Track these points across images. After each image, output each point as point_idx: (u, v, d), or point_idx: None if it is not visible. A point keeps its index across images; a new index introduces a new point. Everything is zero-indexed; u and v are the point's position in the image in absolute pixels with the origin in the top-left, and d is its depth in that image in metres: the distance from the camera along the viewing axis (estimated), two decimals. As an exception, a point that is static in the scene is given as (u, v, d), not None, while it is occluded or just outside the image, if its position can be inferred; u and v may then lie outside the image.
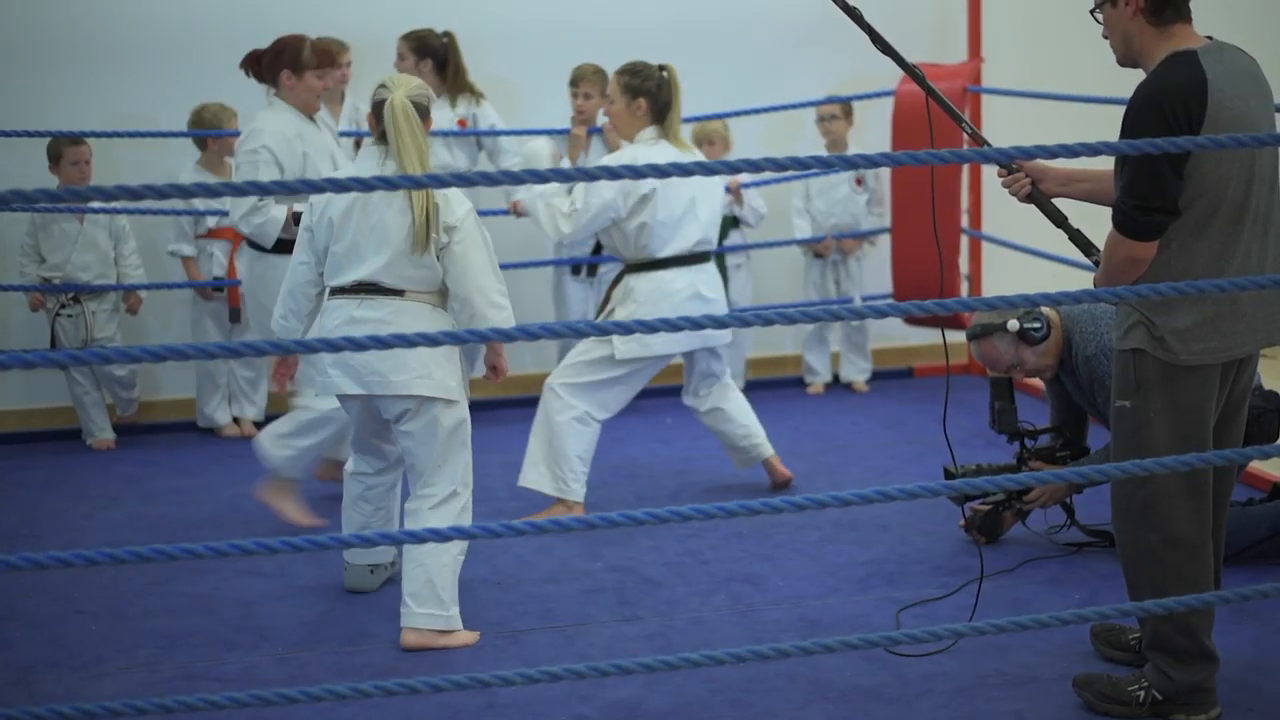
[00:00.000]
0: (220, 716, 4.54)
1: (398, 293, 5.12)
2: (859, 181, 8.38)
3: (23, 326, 7.88)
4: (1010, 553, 5.77)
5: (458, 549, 5.18)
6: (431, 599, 5.08)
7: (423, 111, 5.12)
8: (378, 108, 5.09)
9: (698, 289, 6.39)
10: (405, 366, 5.09)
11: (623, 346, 6.30)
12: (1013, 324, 5.58)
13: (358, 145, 7.90)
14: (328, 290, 5.23)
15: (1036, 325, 5.59)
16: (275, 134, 6.18)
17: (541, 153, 6.45)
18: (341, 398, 5.26)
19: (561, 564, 5.86)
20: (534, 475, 6.39)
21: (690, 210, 6.34)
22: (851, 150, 8.20)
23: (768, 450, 6.73)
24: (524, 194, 6.61)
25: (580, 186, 6.27)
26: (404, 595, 5.11)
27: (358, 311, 5.12)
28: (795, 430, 7.58)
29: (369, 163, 5.15)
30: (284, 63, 6.23)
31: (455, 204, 5.14)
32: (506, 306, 5.19)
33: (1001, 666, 4.81)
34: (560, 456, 6.34)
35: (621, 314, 6.33)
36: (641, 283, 6.37)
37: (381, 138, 5.10)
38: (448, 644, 5.10)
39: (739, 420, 6.66)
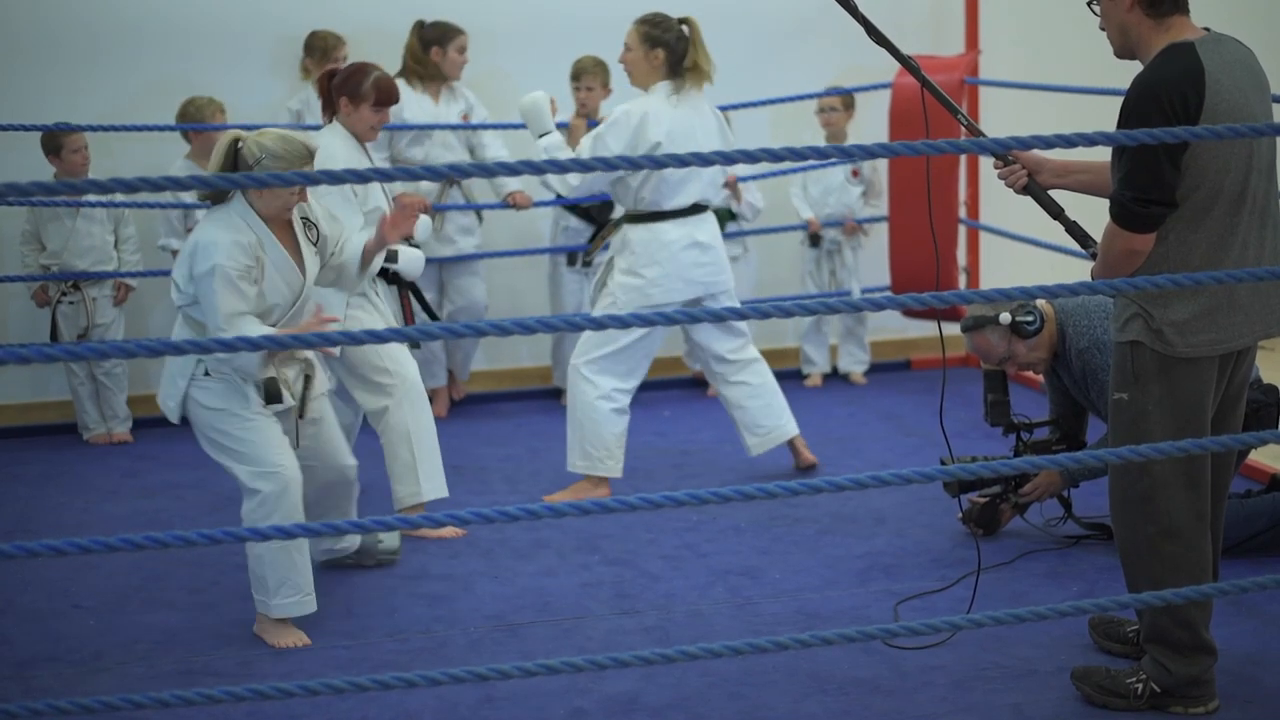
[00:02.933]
0: (217, 711, 4.55)
1: None
2: (855, 173, 8.37)
3: (19, 317, 7.87)
4: (1008, 546, 5.77)
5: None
6: (257, 586, 5.20)
7: (242, 164, 5.05)
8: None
9: (695, 238, 6.45)
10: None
11: (624, 298, 6.37)
12: (1005, 317, 5.57)
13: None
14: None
15: (1029, 319, 5.57)
16: (346, 162, 6.04)
17: (541, 103, 6.43)
18: None
19: (559, 557, 5.86)
20: (572, 458, 6.56)
21: (695, 169, 6.35)
22: (851, 142, 8.19)
23: (792, 430, 6.75)
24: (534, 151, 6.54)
25: (587, 140, 6.31)
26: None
27: None
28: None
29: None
30: (346, 91, 6.14)
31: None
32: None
33: (1000, 659, 4.81)
34: (591, 436, 6.48)
35: (620, 263, 6.45)
36: (638, 233, 6.44)
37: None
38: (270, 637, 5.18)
39: (764, 398, 6.69)
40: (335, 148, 6.05)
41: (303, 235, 5.23)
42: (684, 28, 6.35)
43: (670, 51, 6.33)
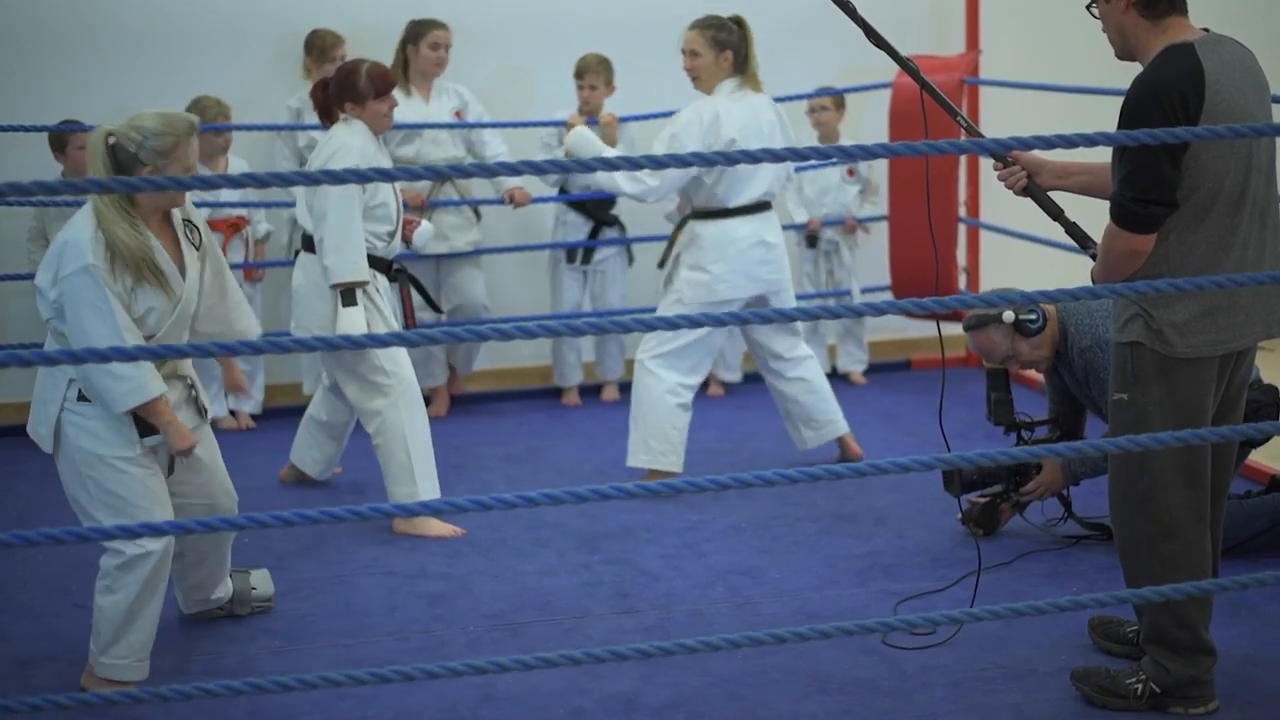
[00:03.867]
0: (217, 705, 4.55)
1: None
2: (851, 172, 8.38)
3: (21, 317, 7.87)
4: (1008, 546, 5.77)
5: (122, 595, 4.74)
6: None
7: (123, 154, 4.60)
8: None
9: (762, 236, 6.55)
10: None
11: (689, 293, 6.44)
12: (1009, 315, 5.59)
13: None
14: None
15: (1032, 318, 5.59)
16: (361, 153, 6.04)
17: (584, 136, 6.50)
18: None
19: (559, 556, 5.86)
20: (635, 453, 6.60)
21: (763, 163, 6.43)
22: (844, 141, 8.20)
23: (845, 426, 6.83)
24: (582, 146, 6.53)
25: (665, 139, 6.39)
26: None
27: None
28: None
29: None
30: (345, 97, 6.14)
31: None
32: None
33: (999, 659, 4.81)
34: (655, 430, 6.54)
35: (687, 259, 6.51)
36: (708, 230, 6.51)
37: None
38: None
39: (820, 394, 6.77)
40: (351, 142, 6.06)
41: (183, 236, 4.78)
42: (738, 26, 6.47)
43: (736, 51, 6.46)
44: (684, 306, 6.41)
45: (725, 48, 6.43)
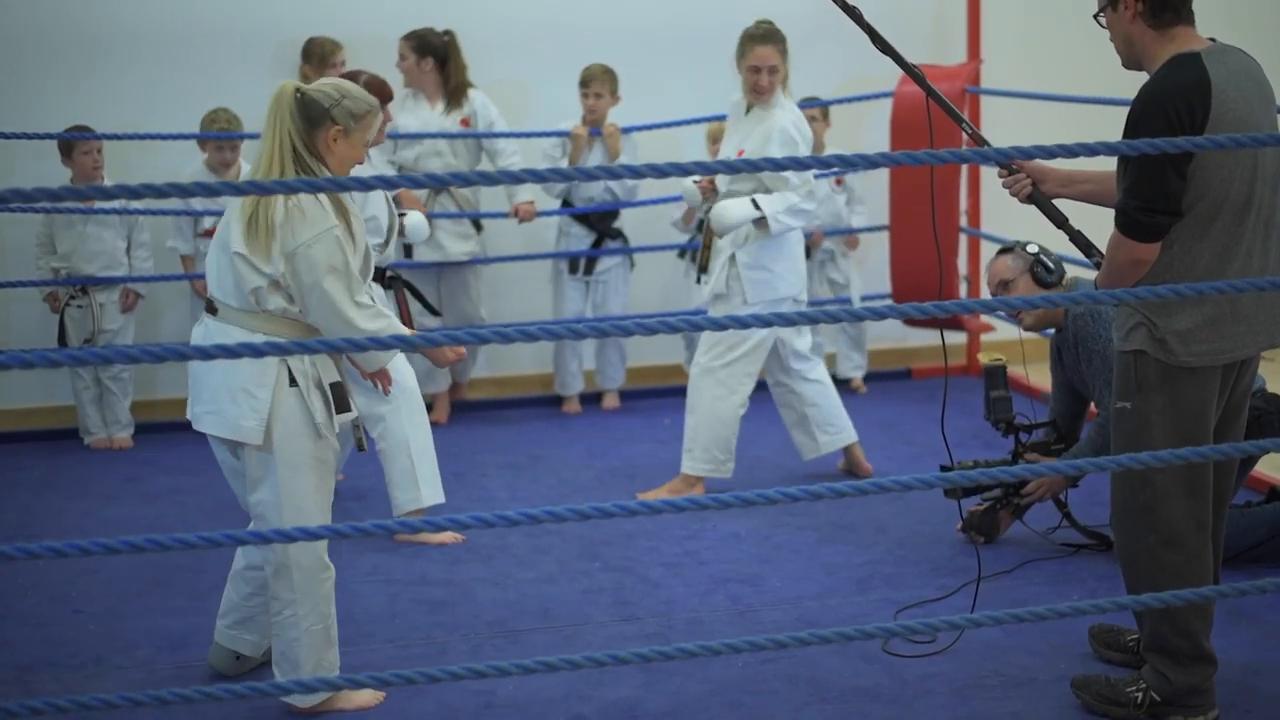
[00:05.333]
0: (218, 709, 4.55)
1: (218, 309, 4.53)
2: (838, 182, 8.38)
3: (23, 322, 7.87)
4: (1008, 554, 5.77)
5: (309, 619, 4.56)
6: (288, 669, 4.54)
7: (314, 109, 4.48)
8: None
9: (796, 236, 6.63)
10: (199, 397, 4.54)
11: (754, 293, 6.46)
12: (1033, 248, 5.73)
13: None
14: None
15: (1049, 269, 5.69)
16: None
17: (693, 189, 6.56)
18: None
19: (560, 564, 5.86)
20: (692, 461, 6.60)
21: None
22: (829, 152, 8.19)
23: (854, 435, 6.84)
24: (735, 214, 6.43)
25: (788, 147, 6.42)
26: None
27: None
28: (788, 434, 7.56)
29: None
30: None
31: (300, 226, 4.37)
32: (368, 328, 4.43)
33: (999, 667, 4.81)
34: (719, 440, 6.56)
35: (745, 259, 6.49)
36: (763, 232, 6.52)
37: None
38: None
39: (834, 398, 6.80)
40: None
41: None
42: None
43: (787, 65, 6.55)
44: (750, 307, 6.39)
45: (786, 59, 6.50)
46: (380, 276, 6.26)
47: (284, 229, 4.35)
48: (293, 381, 4.43)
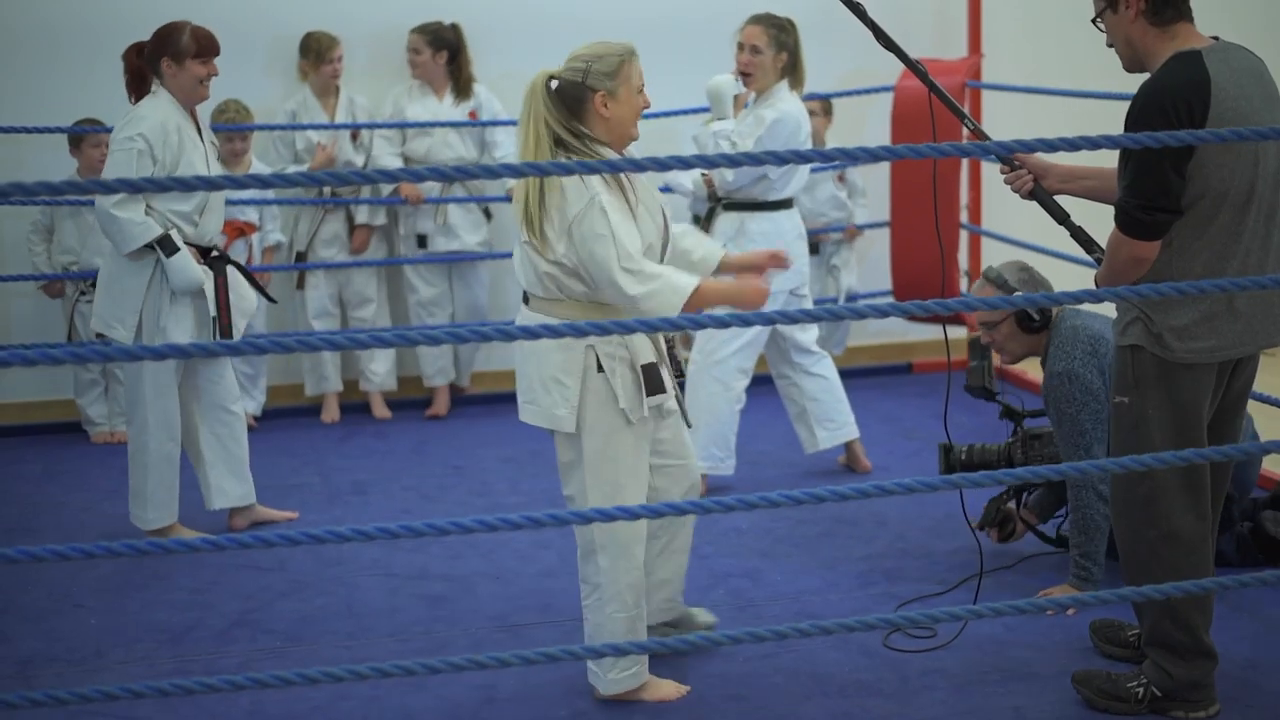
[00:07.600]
0: (218, 701, 4.55)
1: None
2: (840, 178, 8.37)
3: (24, 316, 7.86)
4: (1009, 549, 5.76)
5: (612, 605, 4.60)
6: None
7: (570, 91, 4.49)
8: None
9: (799, 229, 6.62)
10: (520, 389, 4.62)
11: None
12: (1018, 297, 5.56)
13: (355, 137, 7.93)
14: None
15: (1033, 319, 5.47)
16: (154, 124, 5.84)
17: (725, 89, 6.44)
18: None
19: (560, 558, 5.86)
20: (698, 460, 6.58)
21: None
22: (830, 146, 8.19)
23: (855, 430, 6.83)
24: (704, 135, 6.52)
25: (750, 140, 6.35)
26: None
27: None
28: (791, 427, 7.56)
29: None
30: (164, 50, 5.95)
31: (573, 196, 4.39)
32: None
33: (1000, 662, 4.81)
34: (719, 438, 6.56)
35: (733, 248, 6.34)
36: (758, 223, 6.52)
37: None
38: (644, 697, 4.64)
39: (837, 394, 6.78)
40: (146, 114, 5.86)
41: None
42: (793, 30, 6.49)
43: (790, 54, 6.46)
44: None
45: (782, 49, 6.43)
46: (206, 255, 6.01)
47: (557, 212, 4.37)
48: (599, 368, 4.43)
